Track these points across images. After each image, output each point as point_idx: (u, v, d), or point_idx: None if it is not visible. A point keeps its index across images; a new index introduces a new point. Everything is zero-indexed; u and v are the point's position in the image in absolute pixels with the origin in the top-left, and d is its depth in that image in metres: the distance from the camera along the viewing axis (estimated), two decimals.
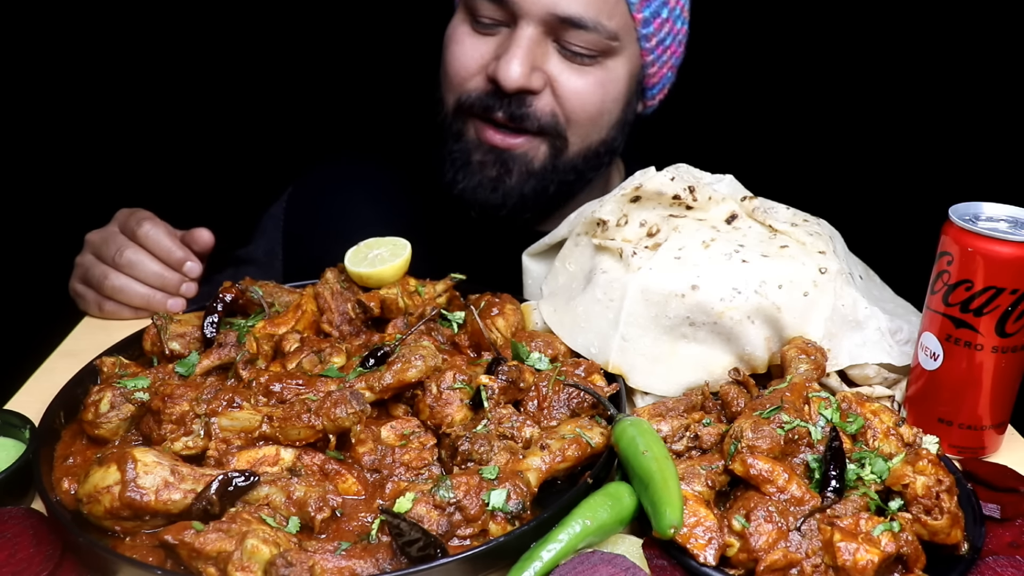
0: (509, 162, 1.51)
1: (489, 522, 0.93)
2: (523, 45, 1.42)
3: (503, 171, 1.52)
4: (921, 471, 0.95)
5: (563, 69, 1.47)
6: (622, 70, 1.52)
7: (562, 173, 1.54)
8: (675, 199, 1.30)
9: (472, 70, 1.49)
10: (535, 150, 1.51)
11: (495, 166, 1.51)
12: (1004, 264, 1.04)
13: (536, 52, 1.44)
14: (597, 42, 1.45)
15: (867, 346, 1.21)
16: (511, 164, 1.51)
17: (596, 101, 1.50)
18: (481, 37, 1.49)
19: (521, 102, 1.46)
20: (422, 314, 1.30)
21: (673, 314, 1.19)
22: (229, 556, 0.85)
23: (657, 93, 1.66)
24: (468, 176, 1.53)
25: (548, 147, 1.52)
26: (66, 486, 1.00)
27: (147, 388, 1.10)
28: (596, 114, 1.51)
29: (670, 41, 1.58)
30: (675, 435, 1.06)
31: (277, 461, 1.00)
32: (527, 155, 1.51)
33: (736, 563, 0.90)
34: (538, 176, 1.53)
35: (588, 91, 1.49)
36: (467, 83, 1.50)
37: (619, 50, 1.49)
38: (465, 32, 1.51)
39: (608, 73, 1.50)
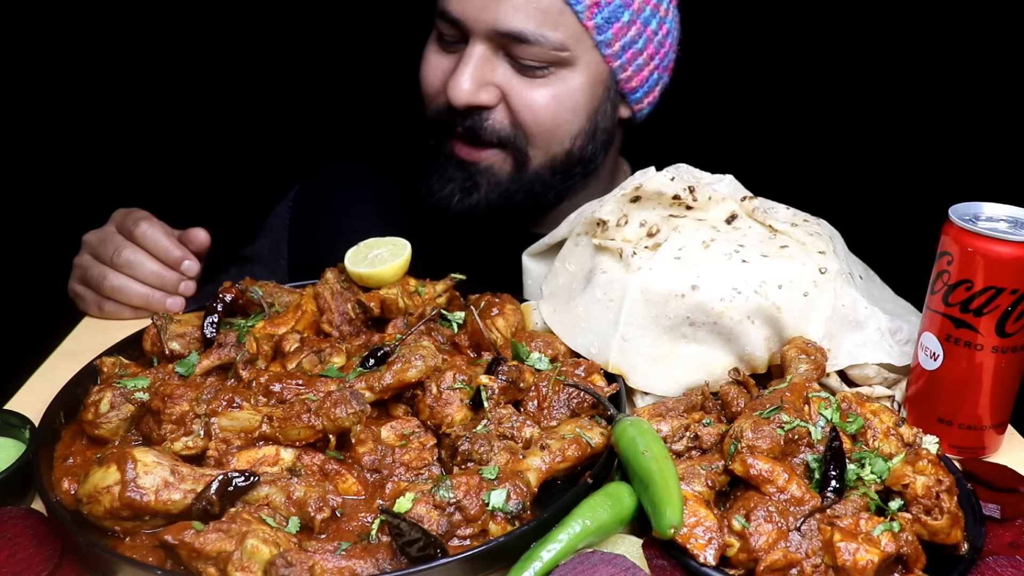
0: (476, 175, 1.54)
1: (489, 522, 0.93)
2: (470, 62, 1.45)
3: (471, 184, 1.55)
4: (921, 471, 0.95)
5: (516, 83, 1.48)
6: (578, 80, 1.51)
7: (528, 184, 1.56)
8: (675, 199, 1.30)
9: (437, 87, 1.53)
10: (500, 163, 1.54)
11: (464, 179, 1.55)
12: (1004, 264, 1.04)
13: (485, 68, 1.46)
14: (544, 54, 1.45)
15: (867, 346, 1.21)
16: (478, 177, 1.54)
17: (550, 113, 1.50)
18: (444, 55, 1.52)
19: (476, 116, 1.49)
20: (422, 314, 1.30)
21: (673, 314, 1.19)
22: (229, 556, 0.85)
23: (644, 96, 1.64)
24: (441, 185, 1.56)
25: (511, 159, 1.54)
26: (66, 486, 1.00)
27: (147, 388, 1.10)
28: (552, 125, 1.52)
29: (643, 43, 1.55)
30: (675, 435, 1.06)
31: (277, 461, 1.00)
32: (492, 167, 1.54)
33: (736, 563, 0.90)
34: (504, 187, 1.56)
35: (541, 103, 1.49)
36: (435, 100, 1.54)
37: (571, 60, 1.48)
38: (432, 50, 1.55)
39: (563, 84, 1.50)
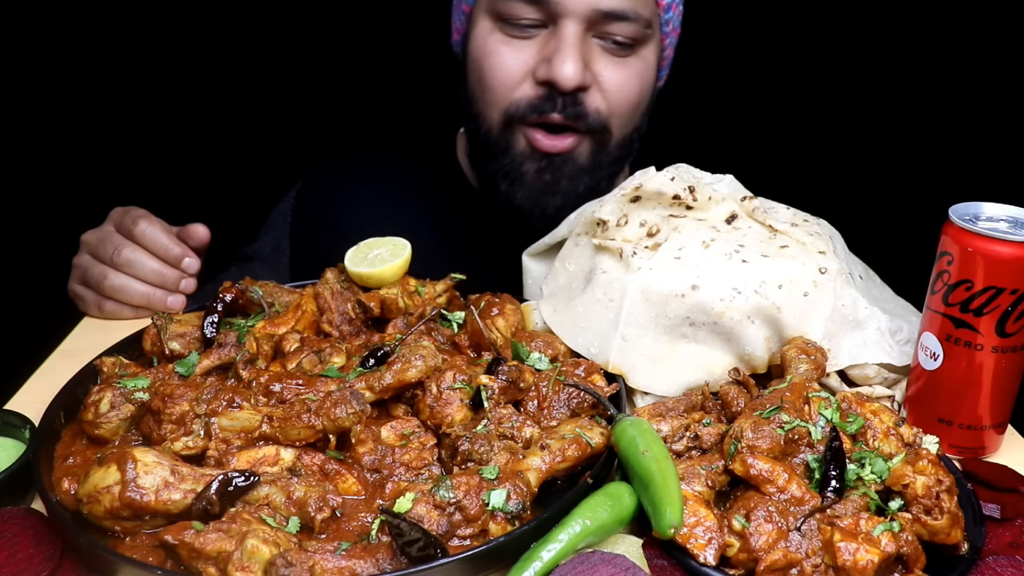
0: (561, 166, 1.52)
1: (489, 522, 0.93)
2: (573, 43, 1.44)
3: (557, 176, 1.53)
4: (921, 471, 0.95)
5: (606, 64, 1.49)
6: (652, 57, 1.56)
7: (607, 166, 1.57)
8: (675, 199, 1.30)
9: (517, 78, 1.49)
10: (581, 148, 1.53)
11: (548, 171, 1.53)
12: (1004, 264, 1.04)
13: (583, 49, 1.46)
14: (635, 32, 1.48)
15: (867, 346, 1.21)
16: (562, 167, 1.53)
17: (636, 91, 1.53)
18: (518, 42, 1.48)
19: (575, 100, 1.47)
20: (422, 314, 1.30)
21: (673, 314, 1.19)
22: (229, 556, 0.85)
23: (665, 74, 1.69)
24: (523, 188, 1.54)
25: (592, 143, 1.53)
26: (66, 486, 1.00)
27: (147, 388, 1.10)
28: (636, 103, 1.55)
29: (677, 23, 1.61)
30: (675, 435, 1.06)
31: (277, 461, 1.00)
32: (573, 154, 1.53)
33: (736, 563, 0.90)
34: (588, 172, 1.55)
35: (629, 82, 1.51)
36: (514, 92, 1.49)
37: (651, 37, 1.52)
38: (499, 40, 1.50)
39: (643, 62, 1.54)
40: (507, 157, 1.53)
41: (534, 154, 1.51)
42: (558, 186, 1.53)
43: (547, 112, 1.47)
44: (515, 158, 1.53)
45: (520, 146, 1.52)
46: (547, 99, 1.47)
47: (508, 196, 1.55)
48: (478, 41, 1.52)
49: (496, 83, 1.50)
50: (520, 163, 1.53)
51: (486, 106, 1.53)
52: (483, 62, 1.51)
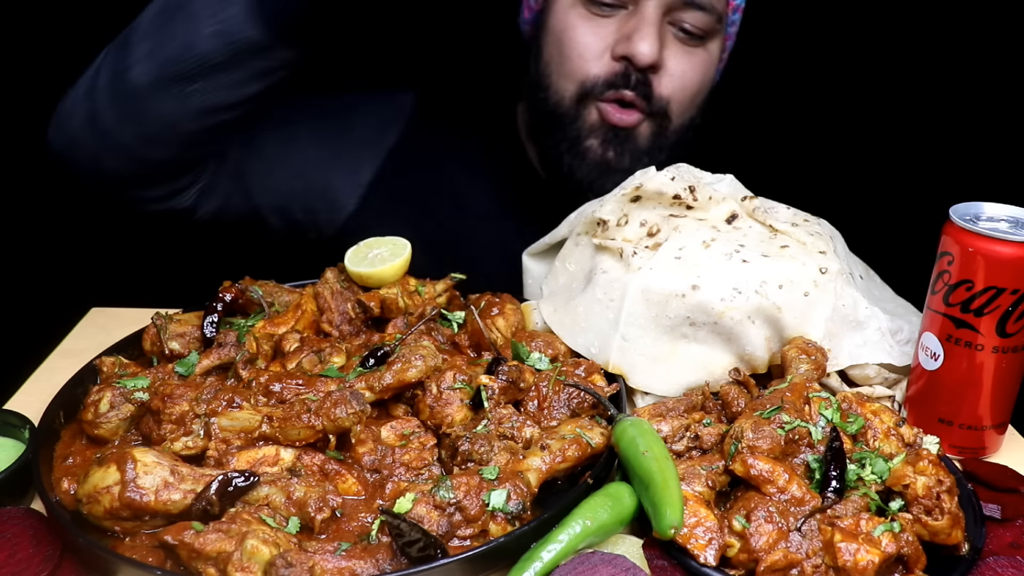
0: (624, 141, 1.55)
1: (489, 522, 0.93)
2: (653, 23, 1.48)
3: (618, 152, 1.56)
4: (922, 471, 0.95)
5: (676, 51, 1.53)
6: (717, 52, 1.60)
7: (664, 151, 1.59)
8: (675, 199, 1.30)
9: (597, 52, 1.53)
10: (643, 128, 1.56)
11: (611, 147, 1.56)
12: (1005, 264, 1.04)
13: (661, 30, 1.50)
14: (708, 23, 1.52)
15: (867, 346, 1.21)
16: (624, 144, 1.56)
17: (698, 81, 1.57)
18: (600, 19, 1.53)
19: (647, 80, 1.52)
20: (422, 314, 1.30)
21: (673, 314, 1.19)
22: (229, 556, 0.85)
23: (719, 77, 1.71)
24: (585, 163, 1.57)
25: (653, 126, 1.57)
26: (66, 486, 1.00)
27: (147, 388, 1.10)
28: (696, 94, 1.59)
29: (737, 28, 1.66)
30: (675, 435, 1.06)
31: (277, 461, 1.00)
32: (635, 132, 1.56)
33: (736, 563, 0.90)
34: (647, 154, 1.57)
35: (694, 72, 1.56)
36: (590, 65, 1.53)
37: (719, 32, 1.57)
38: (581, 16, 1.54)
39: (709, 55, 1.58)
40: (574, 129, 1.56)
41: (602, 127, 1.55)
42: (620, 163, 1.56)
43: (620, 88, 1.52)
44: (582, 130, 1.56)
45: (591, 119, 1.56)
46: (622, 75, 1.51)
47: (571, 169, 1.58)
48: (559, 15, 1.57)
49: (575, 54, 1.54)
50: (586, 136, 1.56)
51: (562, 78, 1.57)
52: (564, 35, 1.56)
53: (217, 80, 1.41)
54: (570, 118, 1.57)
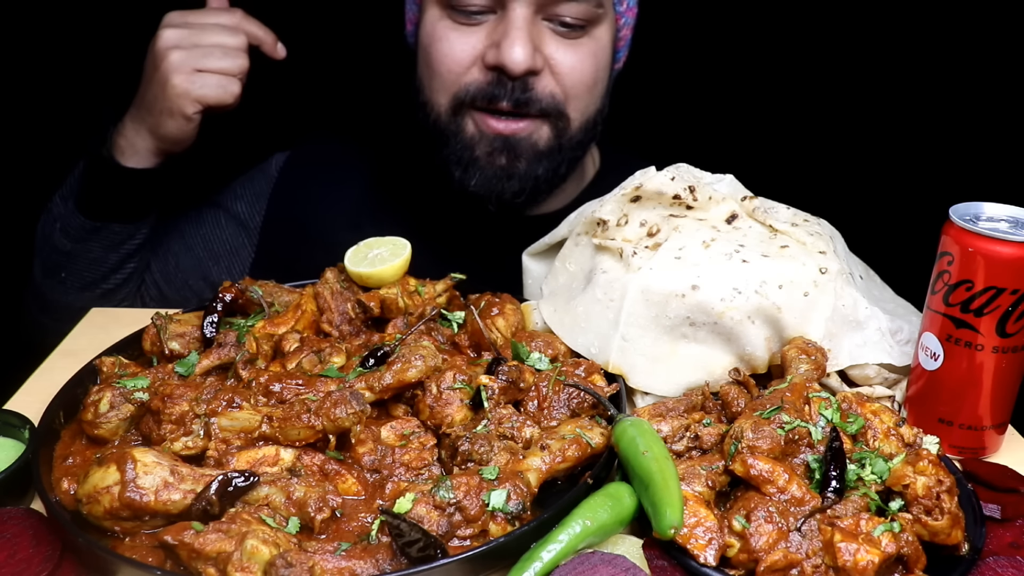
0: (516, 147, 1.50)
1: (489, 522, 0.93)
2: (522, 27, 1.42)
3: (512, 157, 1.51)
4: (921, 471, 0.95)
5: (557, 46, 1.47)
6: (607, 37, 1.53)
7: (569, 151, 1.55)
8: (675, 199, 1.30)
9: (465, 63, 1.48)
10: (538, 132, 1.51)
11: (503, 154, 1.50)
12: (1005, 264, 1.04)
13: (532, 32, 1.44)
14: (586, 12, 1.46)
15: (867, 346, 1.21)
16: (519, 149, 1.50)
17: (591, 72, 1.51)
18: (467, 28, 1.48)
19: (525, 86, 1.46)
20: (422, 314, 1.30)
21: (673, 314, 1.19)
22: (229, 557, 0.85)
23: (623, 56, 1.66)
24: (477, 171, 1.51)
25: (550, 127, 1.52)
26: (66, 486, 1.00)
27: (147, 388, 1.10)
28: (592, 85, 1.52)
29: (633, 1, 1.59)
30: (675, 435, 1.06)
31: (277, 461, 1.00)
32: (531, 138, 1.51)
33: (736, 563, 0.90)
34: (547, 156, 1.52)
35: (583, 64, 1.49)
36: (462, 78, 1.48)
37: (604, 17, 1.50)
38: (448, 27, 1.49)
39: (597, 42, 1.51)
40: (457, 142, 1.52)
41: (484, 137, 1.50)
42: (514, 169, 1.51)
43: (498, 99, 1.46)
44: (465, 142, 1.51)
45: (469, 130, 1.51)
46: (497, 84, 1.46)
47: (462, 183, 1.53)
48: (427, 27, 1.51)
49: (444, 68, 1.49)
50: (472, 147, 1.51)
51: (434, 92, 1.53)
52: (431, 48, 1.50)
53: (77, 264, 1.64)
54: (450, 132, 1.52)
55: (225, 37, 1.48)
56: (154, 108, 1.48)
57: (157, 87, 1.46)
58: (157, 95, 1.47)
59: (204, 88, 1.45)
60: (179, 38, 1.46)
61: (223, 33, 1.48)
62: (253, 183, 1.81)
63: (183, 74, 1.44)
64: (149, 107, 1.49)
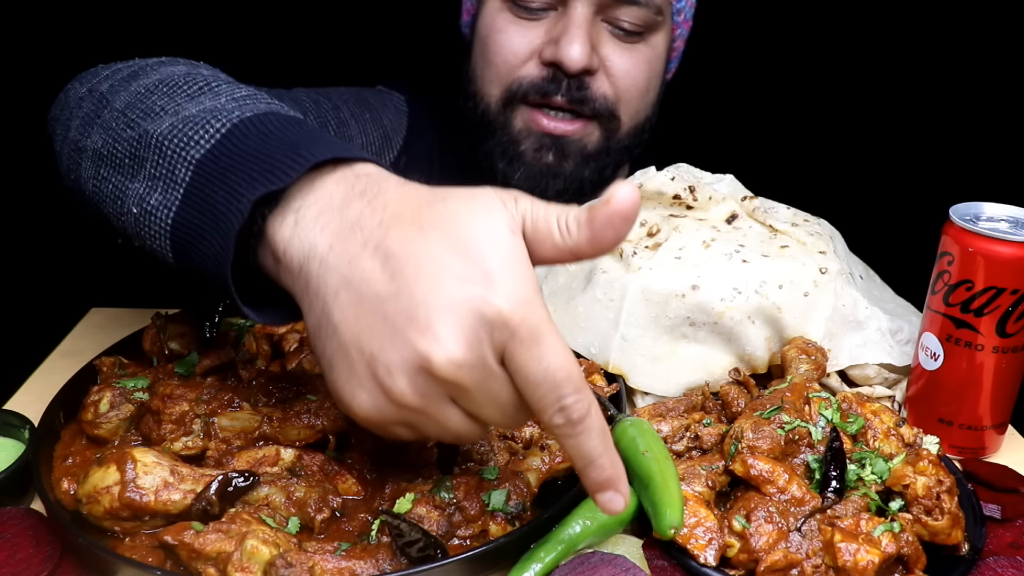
0: (565, 148, 1.51)
1: (489, 523, 0.93)
2: (582, 25, 1.43)
3: (560, 157, 1.51)
4: (922, 472, 0.95)
5: (614, 49, 1.48)
6: (663, 45, 1.54)
7: (616, 154, 1.55)
8: (675, 199, 1.30)
9: (523, 57, 1.48)
10: (589, 135, 1.52)
11: (550, 152, 1.51)
12: (1005, 264, 1.04)
13: (592, 32, 1.45)
14: (645, 18, 1.47)
15: (867, 346, 1.21)
16: (567, 150, 1.51)
17: (645, 78, 1.52)
18: (527, 23, 1.48)
19: (581, 84, 1.47)
20: None
21: (673, 314, 1.19)
22: (229, 557, 0.85)
23: (674, 67, 1.68)
24: (522, 166, 1.52)
25: (601, 130, 1.52)
26: (65, 486, 1.00)
27: (147, 388, 1.10)
28: (644, 91, 1.53)
29: (689, 14, 1.61)
30: (675, 435, 1.06)
31: (277, 461, 1.00)
32: (581, 140, 1.51)
33: (736, 564, 0.90)
34: (595, 159, 1.53)
35: (637, 69, 1.50)
36: (517, 71, 1.49)
37: (661, 25, 1.51)
38: (508, 20, 1.50)
39: (653, 49, 1.52)
40: (504, 134, 1.52)
41: (532, 133, 1.51)
42: (560, 168, 1.52)
43: (551, 95, 1.47)
44: (512, 136, 1.52)
45: (518, 125, 1.51)
46: (552, 81, 1.47)
47: (506, 175, 1.53)
48: (487, 19, 1.52)
49: (500, 60, 1.50)
50: (518, 141, 1.52)
51: (486, 83, 1.53)
52: (489, 39, 1.51)
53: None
54: (499, 124, 1.52)
55: None
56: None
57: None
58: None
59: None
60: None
61: None
62: (390, 103, 1.69)
63: None
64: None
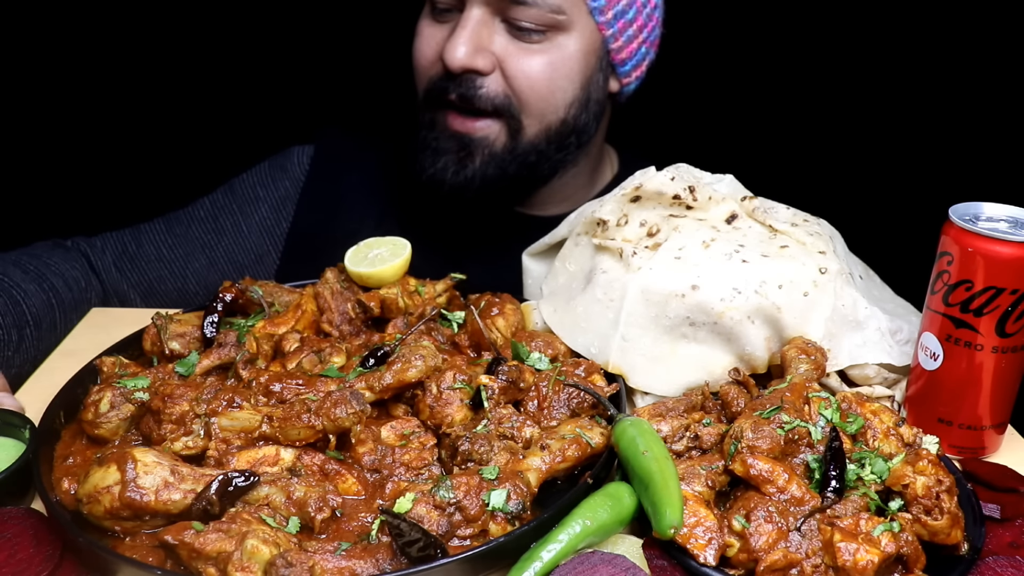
0: (471, 146, 1.54)
1: (489, 522, 0.93)
2: (467, 26, 1.46)
3: (465, 155, 1.54)
4: (921, 471, 0.95)
5: (512, 50, 1.49)
6: (573, 47, 1.51)
7: (522, 155, 1.55)
8: (675, 199, 1.30)
9: (431, 57, 1.54)
10: (494, 133, 1.54)
11: (458, 151, 1.54)
12: (1004, 264, 1.04)
13: (482, 33, 1.47)
14: (542, 17, 1.46)
15: (867, 346, 1.21)
16: (473, 148, 1.54)
17: (545, 79, 1.51)
18: (438, 24, 1.54)
19: (470, 83, 1.49)
20: (422, 314, 1.30)
21: (673, 314, 1.19)
22: (229, 556, 0.85)
23: (632, 70, 1.64)
24: (434, 160, 1.55)
25: (506, 129, 1.54)
26: (66, 486, 1.00)
27: (147, 388, 1.10)
28: (547, 92, 1.52)
29: (634, 14, 1.56)
30: (675, 435, 1.06)
31: (277, 461, 1.00)
32: (487, 138, 1.53)
33: (736, 563, 0.90)
34: (499, 159, 1.55)
35: (537, 69, 1.50)
36: (429, 71, 1.54)
37: (567, 25, 1.49)
38: (426, 23, 1.56)
39: (559, 50, 1.50)
40: (431, 132, 1.57)
41: (446, 130, 1.55)
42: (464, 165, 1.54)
43: (447, 92, 1.51)
44: (433, 132, 1.56)
45: (440, 124, 1.56)
46: (446, 79, 1.50)
47: (421, 168, 1.56)
48: (418, 22, 1.59)
49: (416, 61, 1.57)
50: (437, 138, 1.56)
51: (416, 84, 1.60)
52: (414, 42, 1.58)
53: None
54: (423, 122, 1.57)
55: None
56: None
57: None
58: None
59: None
60: None
61: None
62: (276, 185, 1.79)
63: None
64: None
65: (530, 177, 1.59)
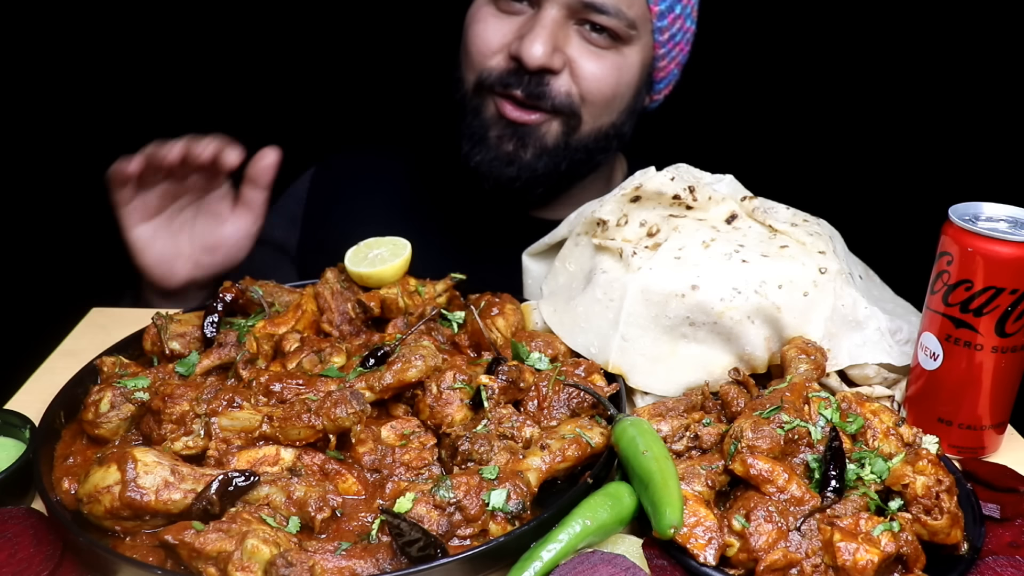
0: (525, 137, 1.57)
1: (489, 522, 0.93)
2: (547, 26, 1.50)
3: (519, 145, 1.58)
4: (921, 471, 0.95)
5: (582, 52, 1.54)
6: (636, 58, 1.59)
7: (573, 152, 1.60)
8: (675, 199, 1.30)
9: (494, 48, 1.56)
10: (548, 127, 1.57)
11: (511, 140, 1.58)
12: (1004, 264, 1.04)
13: (558, 34, 1.52)
14: (616, 27, 1.53)
15: (867, 346, 1.21)
16: (527, 139, 1.57)
17: (611, 84, 1.57)
18: (504, 17, 1.56)
19: (540, 81, 1.53)
20: (422, 314, 1.30)
21: (673, 314, 1.19)
22: (229, 556, 0.85)
23: (663, 88, 1.72)
24: (484, 150, 1.59)
25: (561, 125, 1.58)
26: (66, 486, 1.00)
27: (147, 388, 1.10)
28: (610, 97, 1.58)
29: (680, 37, 1.65)
30: (675, 435, 1.06)
31: (277, 461, 1.00)
32: (540, 130, 1.57)
33: (736, 563, 0.90)
34: (551, 153, 1.59)
35: (604, 74, 1.56)
36: (488, 61, 1.57)
37: (635, 38, 1.56)
38: (489, 12, 1.58)
39: (624, 59, 1.57)
40: (477, 119, 1.60)
41: (500, 120, 1.58)
42: (517, 156, 1.58)
43: (512, 87, 1.54)
44: (484, 122, 1.59)
45: (489, 111, 1.59)
46: (514, 74, 1.54)
47: (467, 156, 1.60)
48: (473, 9, 1.61)
49: (475, 49, 1.58)
50: (486, 127, 1.59)
51: (465, 70, 1.61)
52: (469, 28, 1.60)
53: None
54: (471, 109, 1.60)
55: None
56: None
57: None
58: None
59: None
60: None
61: None
62: (286, 208, 1.86)
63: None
64: None
65: (572, 176, 1.64)
